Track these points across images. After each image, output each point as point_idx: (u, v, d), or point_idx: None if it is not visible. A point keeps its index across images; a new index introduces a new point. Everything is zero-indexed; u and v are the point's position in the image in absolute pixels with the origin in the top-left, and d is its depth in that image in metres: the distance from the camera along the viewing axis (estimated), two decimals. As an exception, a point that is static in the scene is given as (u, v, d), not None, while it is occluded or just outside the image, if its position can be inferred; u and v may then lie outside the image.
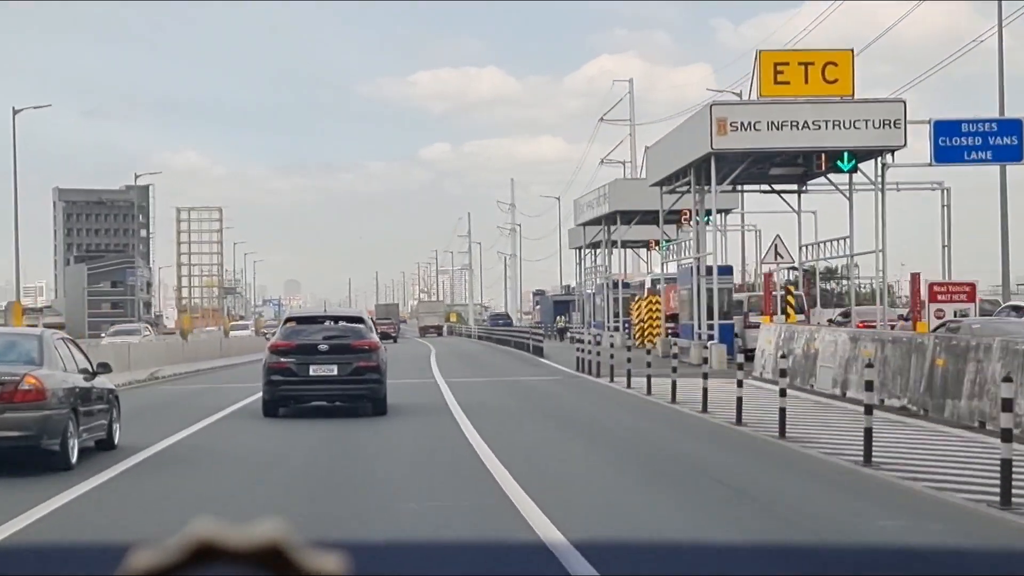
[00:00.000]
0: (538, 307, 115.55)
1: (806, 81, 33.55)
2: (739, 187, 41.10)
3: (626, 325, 56.29)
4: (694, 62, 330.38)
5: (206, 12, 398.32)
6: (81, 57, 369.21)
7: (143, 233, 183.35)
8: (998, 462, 11.61)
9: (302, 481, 13.69)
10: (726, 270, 41.57)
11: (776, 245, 39.07)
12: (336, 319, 22.58)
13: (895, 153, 34.61)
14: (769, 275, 40.11)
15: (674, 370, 24.51)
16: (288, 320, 22.92)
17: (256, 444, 17.59)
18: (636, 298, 56.94)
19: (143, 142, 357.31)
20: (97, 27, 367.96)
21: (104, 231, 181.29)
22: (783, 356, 22.22)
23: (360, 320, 22.59)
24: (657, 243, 59.43)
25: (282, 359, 21.02)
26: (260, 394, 21.89)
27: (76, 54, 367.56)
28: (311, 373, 20.81)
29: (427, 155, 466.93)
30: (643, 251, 68.79)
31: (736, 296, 43.15)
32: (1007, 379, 12.65)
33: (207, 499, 12.57)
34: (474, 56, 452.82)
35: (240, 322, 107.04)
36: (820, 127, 33.25)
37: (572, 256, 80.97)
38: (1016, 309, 32.08)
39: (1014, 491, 11.17)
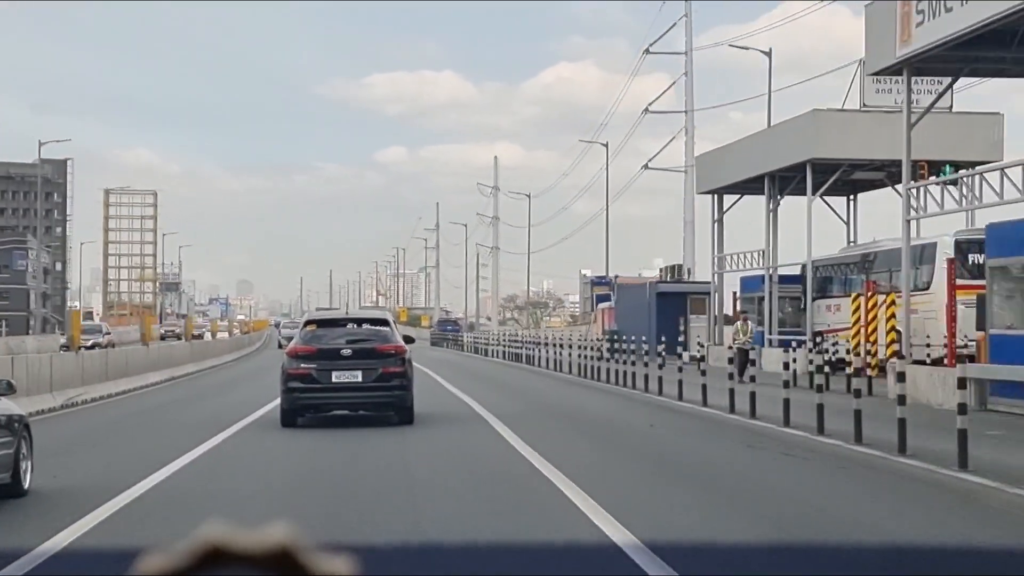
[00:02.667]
0: (605, 306, 68.19)
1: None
2: None
3: None
4: (652, 72, 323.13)
5: (159, 8, 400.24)
6: (29, 49, 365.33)
7: (57, 215, 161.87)
8: None
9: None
10: None
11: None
12: (359, 322, 22.09)
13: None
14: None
15: None
16: (308, 323, 22.18)
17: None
18: None
19: (94, 138, 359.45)
20: (46, 20, 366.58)
21: (11, 211, 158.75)
22: None
23: (385, 323, 21.97)
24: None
25: (302, 365, 20.29)
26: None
27: (24, 46, 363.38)
28: (333, 380, 20.19)
29: (382, 159, 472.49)
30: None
31: None
32: None
33: None
34: (431, 60, 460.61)
35: None
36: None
37: (701, 208, 54.95)
38: None
39: None
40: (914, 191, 27.89)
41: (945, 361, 26.38)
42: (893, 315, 31.26)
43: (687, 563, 8.36)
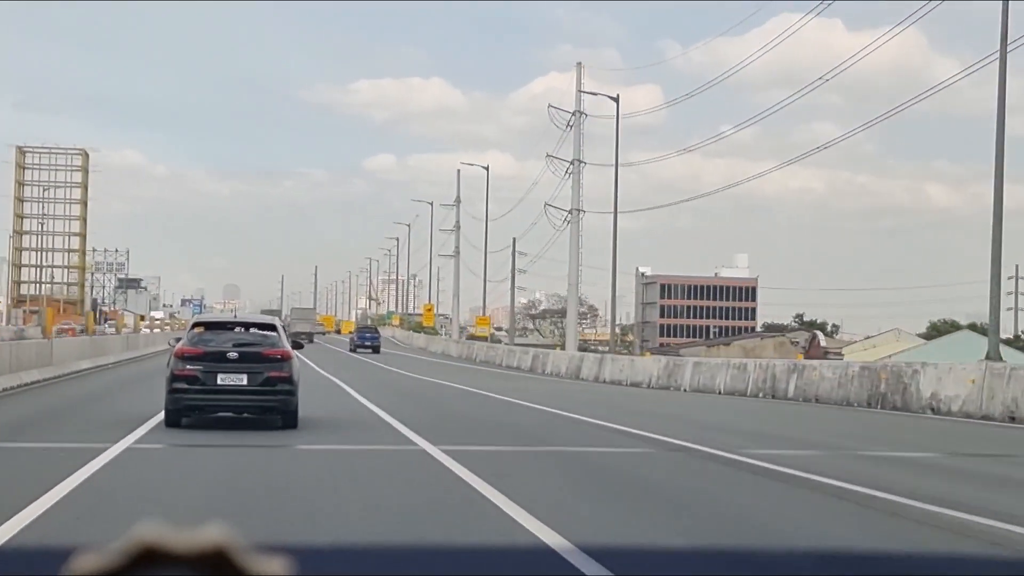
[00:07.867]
0: None
1: None
2: None
3: None
4: (642, 83, 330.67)
5: (146, 8, 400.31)
6: (11, 47, 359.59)
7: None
8: None
9: None
10: None
11: None
12: (247, 326, 22.77)
13: None
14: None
15: None
16: (195, 325, 22.64)
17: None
18: None
19: (80, 137, 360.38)
20: (29, 17, 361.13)
21: None
22: None
23: (272, 327, 22.67)
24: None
25: (188, 366, 20.88)
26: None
27: (6, 44, 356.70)
28: (219, 382, 20.83)
29: (370, 166, 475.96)
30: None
31: None
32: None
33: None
34: (418, 66, 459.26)
35: None
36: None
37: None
38: None
39: None
40: None
41: None
42: None
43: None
